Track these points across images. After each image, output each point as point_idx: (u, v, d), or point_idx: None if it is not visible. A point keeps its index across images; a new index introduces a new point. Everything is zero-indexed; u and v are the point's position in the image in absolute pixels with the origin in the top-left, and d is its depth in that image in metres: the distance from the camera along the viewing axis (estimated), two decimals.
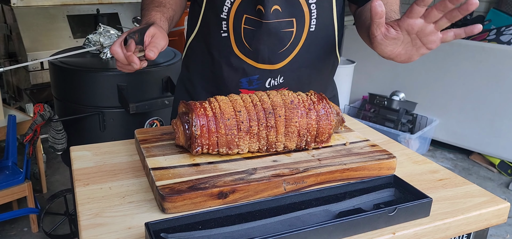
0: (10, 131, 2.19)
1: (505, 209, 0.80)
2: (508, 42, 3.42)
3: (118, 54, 0.87)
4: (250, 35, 1.01)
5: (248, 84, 1.06)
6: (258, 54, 1.02)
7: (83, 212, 0.72)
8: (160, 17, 1.00)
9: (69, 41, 2.90)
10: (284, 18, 0.99)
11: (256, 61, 1.03)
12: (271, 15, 0.98)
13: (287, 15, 0.99)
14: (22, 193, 2.20)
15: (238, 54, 1.04)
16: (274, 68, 1.04)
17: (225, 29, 1.03)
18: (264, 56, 1.02)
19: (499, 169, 3.36)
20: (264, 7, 0.97)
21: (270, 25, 0.98)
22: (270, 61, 1.03)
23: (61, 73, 1.86)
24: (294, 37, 1.02)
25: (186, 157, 0.84)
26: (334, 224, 0.66)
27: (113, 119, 1.83)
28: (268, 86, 1.06)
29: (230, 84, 1.07)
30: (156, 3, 1.04)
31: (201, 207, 0.73)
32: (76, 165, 0.88)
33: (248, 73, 1.05)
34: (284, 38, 1.01)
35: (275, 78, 1.06)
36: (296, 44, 1.03)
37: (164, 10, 1.03)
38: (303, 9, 1.00)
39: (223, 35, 1.03)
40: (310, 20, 1.01)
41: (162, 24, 0.99)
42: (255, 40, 1.00)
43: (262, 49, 1.01)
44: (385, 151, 0.90)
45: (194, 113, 0.82)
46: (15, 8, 2.86)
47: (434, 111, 3.63)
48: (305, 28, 1.02)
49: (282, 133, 0.86)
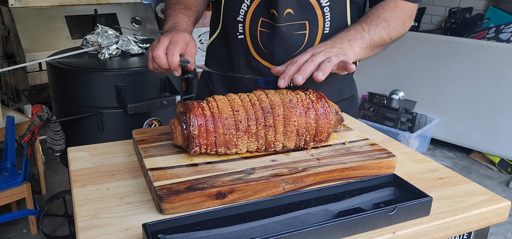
0: (9, 132, 2.18)
1: (506, 207, 0.79)
2: (507, 40, 3.42)
3: (161, 59, 0.91)
4: (266, 38, 1.03)
5: (265, 84, 1.08)
6: (274, 57, 1.04)
7: (81, 213, 0.71)
8: (187, 21, 1.03)
9: (67, 41, 2.90)
10: (297, 21, 1.01)
11: (271, 63, 1.05)
12: (283, 19, 1.00)
13: (299, 18, 1.01)
14: (21, 195, 2.20)
15: (255, 56, 1.07)
16: None
17: (241, 31, 1.06)
18: (279, 59, 1.03)
19: (499, 167, 3.36)
20: (277, 11, 0.99)
21: (283, 29, 1.00)
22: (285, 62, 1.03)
23: (59, 74, 1.85)
24: (307, 39, 1.03)
25: (184, 157, 0.84)
26: (334, 224, 0.66)
27: (111, 120, 1.82)
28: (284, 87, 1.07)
29: (248, 84, 1.10)
30: (182, 5, 1.07)
31: (199, 207, 0.72)
32: (74, 166, 0.87)
33: (265, 75, 1.07)
34: (297, 41, 1.02)
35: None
36: (311, 45, 1.03)
37: (189, 13, 1.06)
38: (316, 12, 1.01)
39: (240, 37, 1.07)
40: (324, 23, 1.02)
41: (190, 28, 1.03)
42: (270, 43, 1.03)
43: (277, 52, 1.03)
44: (385, 149, 0.89)
45: (191, 113, 0.81)
46: (13, 9, 2.85)
47: (433, 110, 3.63)
48: (319, 31, 1.03)
49: (280, 132, 0.85)
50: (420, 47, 3.65)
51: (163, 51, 0.91)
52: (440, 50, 3.55)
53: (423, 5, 4.50)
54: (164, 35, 0.95)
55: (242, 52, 1.08)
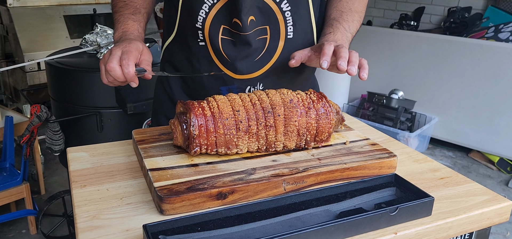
0: (7, 132, 2.18)
1: (507, 207, 0.79)
2: (506, 40, 3.42)
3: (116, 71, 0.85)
4: (229, 46, 0.99)
5: (227, 91, 1.04)
6: (236, 65, 1.00)
7: (80, 214, 0.71)
8: (137, 28, 0.98)
9: (66, 41, 2.89)
10: (258, 26, 0.98)
11: (234, 72, 1.01)
12: (248, 27, 0.96)
13: (260, 23, 0.98)
14: (20, 195, 2.19)
15: (217, 63, 1.02)
16: (253, 77, 1.03)
17: (201, 38, 1.01)
18: (243, 67, 1.01)
19: (498, 167, 3.36)
20: (241, 20, 0.95)
21: (249, 37, 0.97)
22: (248, 71, 1.01)
23: (58, 74, 1.85)
24: (268, 45, 1.01)
25: (185, 158, 0.83)
26: (335, 224, 0.65)
27: (111, 119, 1.82)
28: None
29: (210, 91, 1.04)
30: (131, 9, 1.01)
31: (200, 208, 0.72)
32: (73, 166, 0.87)
33: (227, 83, 1.03)
34: (259, 46, 1.00)
35: (255, 86, 1.04)
36: (273, 51, 1.01)
37: (139, 18, 1.01)
38: (277, 17, 0.99)
39: (201, 44, 1.02)
40: (286, 28, 1.00)
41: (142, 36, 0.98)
42: (234, 51, 0.99)
43: (240, 61, 1.00)
44: (386, 149, 0.89)
45: (192, 113, 0.81)
46: (11, 9, 2.85)
47: (433, 109, 3.63)
48: (282, 36, 1.01)
49: (281, 132, 0.85)
50: (419, 46, 3.65)
51: (117, 62, 0.85)
52: (439, 50, 3.55)
53: (422, 4, 4.50)
54: (115, 46, 0.90)
55: (203, 59, 1.03)
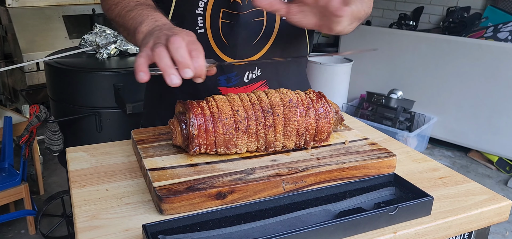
0: (6, 133, 2.17)
1: (506, 207, 0.79)
2: (505, 40, 3.42)
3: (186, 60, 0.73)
4: (228, 29, 0.98)
5: (226, 82, 1.03)
6: (236, 49, 0.99)
7: (80, 214, 0.71)
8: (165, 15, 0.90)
9: (65, 41, 2.89)
10: (255, 7, 0.95)
11: (233, 58, 1.00)
12: (246, 6, 0.96)
13: None
14: (19, 195, 2.19)
15: (216, 50, 1.00)
16: (251, 61, 1.02)
17: (201, 25, 0.98)
18: (241, 51, 1.00)
19: (497, 166, 3.37)
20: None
21: (246, 17, 0.96)
22: (247, 54, 1.01)
23: (57, 74, 1.85)
24: (266, 26, 1.00)
25: (184, 157, 0.83)
26: (335, 224, 0.65)
27: (110, 119, 1.82)
28: (247, 80, 1.04)
29: (207, 83, 0.98)
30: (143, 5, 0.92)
31: (199, 208, 0.72)
32: (72, 166, 0.87)
33: (226, 71, 1.02)
34: (256, 28, 0.99)
35: (253, 71, 1.04)
36: (270, 34, 1.01)
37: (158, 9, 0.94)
38: None
39: (199, 31, 0.99)
40: None
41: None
42: (232, 34, 0.98)
43: (239, 43, 0.99)
44: (385, 149, 0.89)
45: (191, 113, 0.81)
46: (10, 9, 2.84)
47: (432, 109, 3.64)
48: (278, 17, 1.00)
49: (280, 132, 0.85)
50: (418, 46, 3.65)
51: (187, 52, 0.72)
52: (438, 50, 3.55)
53: (421, 4, 4.50)
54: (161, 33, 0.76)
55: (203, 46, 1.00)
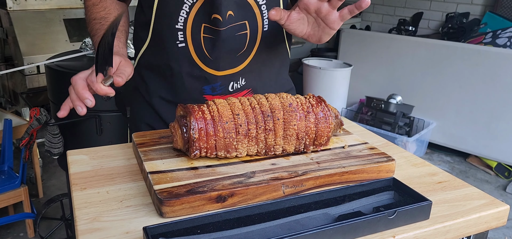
0: (6, 135, 2.18)
1: (504, 211, 0.80)
2: (504, 45, 3.44)
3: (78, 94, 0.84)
4: (210, 44, 1.00)
5: (211, 91, 1.04)
6: (219, 62, 1.01)
7: (80, 216, 0.71)
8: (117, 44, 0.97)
9: (65, 45, 2.89)
10: (237, 22, 1.00)
11: (217, 70, 1.02)
12: (227, 21, 0.98)
13: (239, 18, 0.99)
14: (18, 198, 2.19)
15: (199, 64, 1.02)
16: (235, 72, 1.04)
17: (181, 39, 1.00)
18: (225, 63, 1.02)
19: (496, 172, 3.37)
20: (220, 15, 0.96)
21: (227, 31, 0.99)
22: (230, 66, 1.03)
23: (58, 77, 1.85)
24: (249, 39, 1.03)
25: (184, 161, 0.84)
26: (334, 227, 0.66)
27: (110, 123, 1.82)
28: (231, 90, 1.06)
29: (193, 93, 1.04)
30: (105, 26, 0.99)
31: (199, 211, 0.72)
32: (73, 169, 0.87)
33: (210, 82, 1.03)
34: (240, 42, 1.02)
35: (237, 81, 1.06)
36: (253, 45, 1.04)
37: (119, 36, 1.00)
38: (254, 11, 1.01)
39: (180, 46, 1.01)
40: (263, 20, 1.03)
41: (123, 51, 0.98)
42: (215, 48, 1.00)
43: (223, 57, 1.01)
44: (384, 153, 0.90)
45: (192, 117, 0.81)
46: (11, 12, 2.85)
47: (431, 114, 3.64)
48: (259, 29, 1.03)
49: (280, 136, 0.86)
50: (418, 51, 3.67)
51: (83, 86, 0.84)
52: (437, 55, 3.56)
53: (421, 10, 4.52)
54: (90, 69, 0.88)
55: (184, 61, 1.02)
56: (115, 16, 1.01)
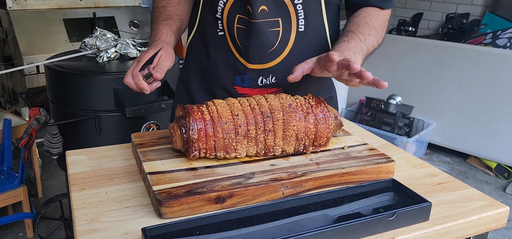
0: (5, 135, 2.17)
1: (504, 213, 0.80)
2: (504, 46, 3.44)
3: (131, 84, 0.97)
4: (242, 34, 1.04)
5: (241, 82, 1.08)
6: (249, 54, 1.04)
7: (79, 217, 0.71)
8: (167, 31, 1.07)
9: (65, 44, 2.89)
10: (270, 18, 1.01)
11: (247, 61, 1.06)
12: (258, 15, 1.00)
13: (273, 15, 1.01)
14: (17, 198, 2.19)
15: (234, 52, 1.07)
16: (264, 68, 1.06)
17: (221, 28, 1.07)
18: (254, 56, 1.04)
19: (495, 172, 3.37)
20: (252, 7, 1.00)
21: (258, 25, 1.01)
22: (260, 61, 1.05)
23: (57, 77, 1.85)
24: (281, 36, 1.04)
25: (183, 161, 0.83)
26: (333, 228, 0.66)
27: (109, 123, 1.82)
28: (261, 84, 1.08)
29: (225, 81, 1.10)
30: (163, 16, 1.10)
31: (198, 212, 0.72)
32: (72, 170, 0.87)
33: (241, 72, 1.07)
34: (272, 38, 1.03)
35: (267, 77, 1.07)
36: (285, 44, 1.04)
37: (171, 23, 1.09)
38: (289, 9, 1.02)
39: (220, 34, 1.07)
40: (297, 20, 1.03)
41: (169, 39, 1.06)
42: (246, 40, 1.03)
43: (252, 49, 1.04)
44: (384, 154, 0.89)
45: (191, 117, 0.81)
46: (11, 12, 2.85)
47: (430, 114, 3.64)
48: (293, 28, 1.03)
49: (280, 137, 0.85)
50: (417, 52, 3.66)
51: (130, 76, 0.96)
52: (437, 56, 3.56)
53: (421, 10, 4.52)
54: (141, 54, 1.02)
55: (221, 48, 1.09)
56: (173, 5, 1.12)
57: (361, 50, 0.98)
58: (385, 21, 1.09)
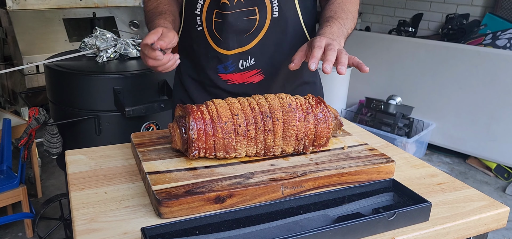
0: (5, 135, 2.17)
1: (504, 213, 0.80)
2: (503, 47, 3.44)
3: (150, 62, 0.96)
4: (220, 27, 1.12)
5: (224, 69, 1.16)
6: (228, 42, 1.12)
7: (78, 217, 0.71)
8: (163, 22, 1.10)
9: (65, 44, 2.89)
10: (246, 7, 1.09)
11: (227, 49, 1.13)
12: (235, 6, 1.08)
13: (249, 4, 1.10)
14: (17, 198, 2.18)
15: (212, 45, 1.15)
16: (243, 51, 1.13)
17: (199, 23, 1.15)
18: (234, 43, 1.12)
19: (495, 173, 3.37)
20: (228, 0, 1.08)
21: (235, 15, 1.09)
22: (239, 45, 1.12)
23: (57, 77, 1.85)
24: (258, 23, 1.11)
25: (183, 161, 0.83)
26: (333, 229, 0.65)
27: (109, 123, 1.82)
28: (242, 68, 1.16)
29: (209, 71, 1.18)
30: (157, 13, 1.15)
31: (198, 211, 0.72)
32: (71, 169, 0.87)
33: (222, 61, 1.15)
34: (248, 25, 1.11)
35: (246, 59, 1.15)
36: (261, 29, 1.12)
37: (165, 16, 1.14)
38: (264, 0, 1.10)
39: (198, 29, 1.15)
40: (272, 8, 1.11)
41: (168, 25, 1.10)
42: (224, 31, 1.11)
43: (231, 37, 1.11)
44: (384, 154, 0.89)
45: (191, 117, 0.81)
46: (10, 12, 2.85)
47: (430, 115, 3.64)
48: (268, 15, 1.11)
49: (279, 137, 0.85)
50: (417, 52, 3.66)
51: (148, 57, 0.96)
52: (437, 56, 3.56)
53: (420, 11, 4.52)
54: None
55: (201, 42, 1.16)
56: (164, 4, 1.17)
57: (342, 33, 1.05)
58: (357, 5, 1.18)
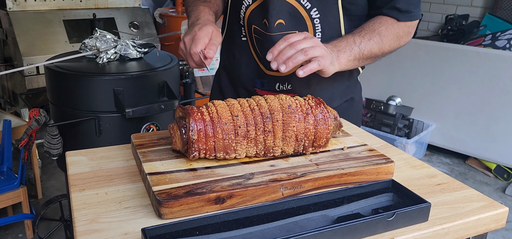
0: (5, 136, 2.17)
1: (503, 213, 0.80)
2: (503, 48, 3.44)
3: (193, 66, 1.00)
4: (259, 44, 1.10)
5: (261, 85, 1.16)
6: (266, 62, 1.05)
7: (79, 217, 0.71)
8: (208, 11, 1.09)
9: (65, 45, 2.89)
10: (287, 30, 1.04)
11: (265, 67, 1.12)
12: (274, 29, 1.04)
13: (290, 28, 1.04)
14: (17, 199, 2.19)
15: (254, 57, 1.15)
16: (281, 75, 1.10)
17: (244, 34, 1.15)
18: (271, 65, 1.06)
19: (495, 174, 3.37)
20: (268, 21, 1.04)
21: (274, 38, 1.04)
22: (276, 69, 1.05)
23: (57, 78, 1.85)
24: None
25: (183, 162, 0.84)
26: (333, 229, 0.66)
27: (109, 124, 1.82)
28: (278, 89, 1.14)
29: (246, 82, 1.18)
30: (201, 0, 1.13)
31: (198, 212, 0.72)
32: (72, 170, 0.87)
33: (261, 76, 1.14)
34: None
35: (283, 84, 1.13)
36: None
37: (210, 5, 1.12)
38: (306, 23, 1.04)
39: (243, 39, 1.16)
40: (315, 34, 1.06)
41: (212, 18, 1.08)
42: (262, 49, 1.08)
43: None
44: (383, 155, 0.90)
45: (191, 118, 0.81)
46: (10, 13, 2.85)
47: (430, 116, 3.64)
48: None
49: (279, 138, 0.85)
50: (417, 53, 3.67)
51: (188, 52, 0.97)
52: (436, 57, 3.56)
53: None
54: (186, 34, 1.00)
55: (244, 52, 1.16)
56: None
57: (350, 50, 1.00)
58: (399, 33, 1.07)
